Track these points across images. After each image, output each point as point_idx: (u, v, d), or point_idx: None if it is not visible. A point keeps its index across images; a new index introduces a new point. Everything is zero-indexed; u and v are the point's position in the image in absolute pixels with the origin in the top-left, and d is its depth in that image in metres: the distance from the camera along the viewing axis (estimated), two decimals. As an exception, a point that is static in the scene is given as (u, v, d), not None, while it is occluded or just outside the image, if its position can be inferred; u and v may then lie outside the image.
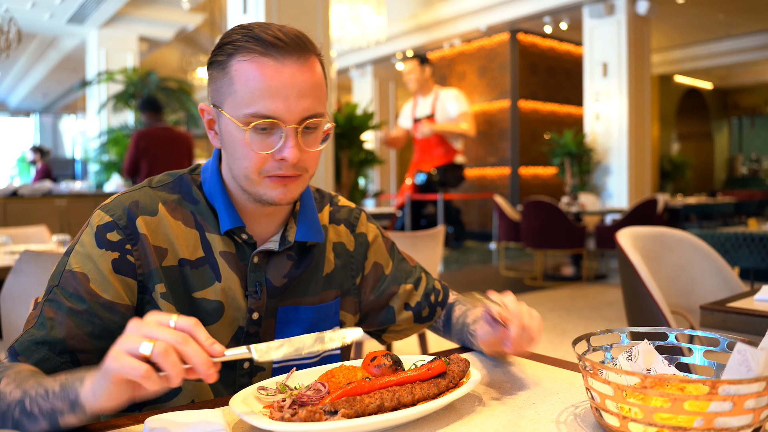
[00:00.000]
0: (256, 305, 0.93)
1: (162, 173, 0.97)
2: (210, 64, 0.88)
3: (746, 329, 1.30)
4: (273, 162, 0.86)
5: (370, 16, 8.92)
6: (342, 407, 0.67)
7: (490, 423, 0.71)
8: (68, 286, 0.84)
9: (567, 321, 4.55)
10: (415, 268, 1.13)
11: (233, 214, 0.91)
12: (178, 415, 0.72)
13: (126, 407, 0.92)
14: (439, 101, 8.64)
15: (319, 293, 1.00)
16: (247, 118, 0.83)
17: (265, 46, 0.83)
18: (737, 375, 0.65)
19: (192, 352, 0.64)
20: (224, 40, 0.86)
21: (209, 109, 0.90)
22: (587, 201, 7.09)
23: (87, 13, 8.57)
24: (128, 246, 0.87)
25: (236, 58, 0.84)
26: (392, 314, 1.09)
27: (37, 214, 5.95)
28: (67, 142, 16.16)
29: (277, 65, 0.83)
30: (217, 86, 0.87)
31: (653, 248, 2.07)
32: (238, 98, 0.83)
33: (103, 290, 0.84)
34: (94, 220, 0.88)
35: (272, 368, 0.97)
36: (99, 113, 9.21)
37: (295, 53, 0.84)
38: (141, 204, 0.90)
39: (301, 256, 0.99)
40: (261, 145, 0.85)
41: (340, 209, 1.08)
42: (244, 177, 0.88)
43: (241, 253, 0.93)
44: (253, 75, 0.82)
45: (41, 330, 0.82)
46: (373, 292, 1.08)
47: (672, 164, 13.36)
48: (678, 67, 12.79)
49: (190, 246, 0.91)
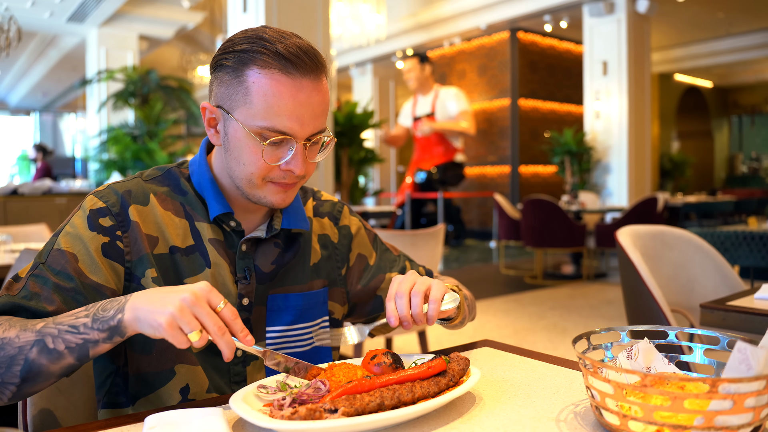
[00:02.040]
0: (246, 290, 0.96)
1: (152, 168, 1.00)
2: (219, 65, 0.89)
3: (746, 328, 1.30)
4: (279, 171, 0.90)
5: (370, 14, 8.91)
6: (342, 406, 0.67)
7: (490, 421, 0.71)
8: (56, 263, 0.85)
9: (567, 319, 4.55)
10: (399, 257, 1.16)
11: (222, 201, 0.95)
12: (177, 413, 0.72)
13: (124, 403, 0.93)
14: (439, 100, 8.64)
15: (307, 281, 1.03)
16: (261, 130, 0.86)
17: (284, 64, 0.85)
18: (737, 373, 0.65)
19: (225, 342, 0.74)
20: (238, 45, 0.87)
21: (213, 108, 0.91)
22: (587, 199, 7.10)
23: (87, 12, 8.56)
24: (119, 232, 0.89)
25: (253, 69, 0.85)
26: (380, 303, 1.12)
27: (37, 212, 5.96)
28: (67, 140, 16.15)
29: (296, 84, 0.86)
30: (228, 91, 0.88)
31: (653, 247, 2.07)
32: (253, 110, 0.86)
33: (90, 271, 0.86)
34: (87, 204, 0.90)
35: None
36: (99, 112, 9.21)
37: (311, 72, 0.87)
38: (133, 193, 0.93)
39: (288, 244, 1.02)
40: (270, 156, 0.88)
41: (323, 203, 1.12)
42: (246, 180, 0.91)
43: (229, 240, 0.97)
44: (271, 92, 0.85)
45: (25, 301, 0.82)
46: (360, 282, 1.11)
47: (672, 163, 13.36)
48: (678, 65, 12.78)
49: (180, 235, 0.94)
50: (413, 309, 0.88)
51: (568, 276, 6.63)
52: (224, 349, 0.74)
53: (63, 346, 0.75)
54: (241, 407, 0.70)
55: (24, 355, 0.75)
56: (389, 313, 0.88)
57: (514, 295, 5.62)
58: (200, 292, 0.74)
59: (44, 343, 0.75)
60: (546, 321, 4.51)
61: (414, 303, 0.88)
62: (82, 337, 0.75)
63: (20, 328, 0.77)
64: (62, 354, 0.75)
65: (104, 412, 0.95)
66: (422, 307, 0.88)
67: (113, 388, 0.93)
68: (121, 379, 0.92)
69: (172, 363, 0.91)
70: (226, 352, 0.74)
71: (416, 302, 0.88)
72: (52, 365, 0.76)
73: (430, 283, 0.91)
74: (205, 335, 0.73)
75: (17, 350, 0.75)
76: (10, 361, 0.75)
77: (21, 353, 0.75)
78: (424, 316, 0.88)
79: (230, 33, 5.09)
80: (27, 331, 0.76)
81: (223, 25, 9.47)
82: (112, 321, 0.75)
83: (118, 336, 0.76)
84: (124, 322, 0.75)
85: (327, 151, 0.95)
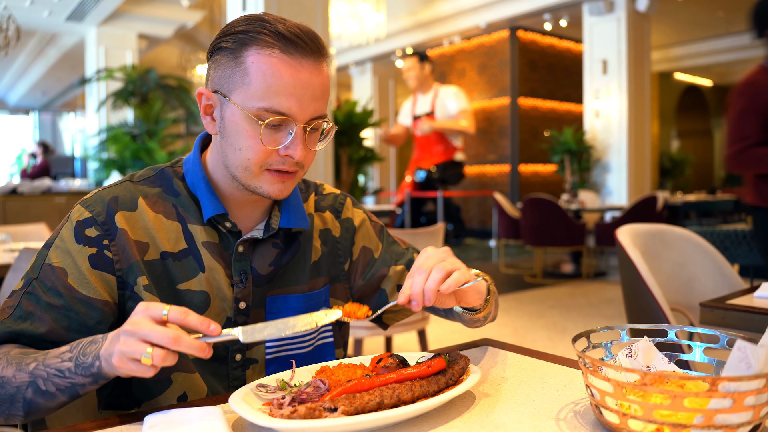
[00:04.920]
0: (242, 294, 0.93)
1: (145, 168, 0.97)
2: (217, 49, 0.87)
3: (746, 326, 1.30)
4: (277, 157, 0.87)
5: (370, 13, 8.90)
6: (342, 404, 0.67)
7: (489, 420, 0.71)
8: (47, 279, 0.85)
9: (566, 318, 4.55)
10: (407, 250, 1.12)
11: (215, 202, 0.91)
12: (177, 412, 0.72)
13: (125, 405, 0.92)
14: (438, 98, 8.63)
15: (307, 281, 1.00)
16: (259, 111, 0.83)
17: (285, 43, 0.83)
18: (737, 372, 0.65)
19: (186, 347, 0.69)
20: (236, 27, 0.85)
21: (210, 94, 0.88)
22: (587, 198, 7.09)
23: (86, 11, 8.55)
24: (105, 241, 0.87)
25: (252, 49, 0.83)
26: (385, 297, 1.08)
27: (37, 211, 5.96)
28: (66, 139, 16.13)
29: (296, 65, 0.84)
30: (226, 74, 0.85)
31: (653, 245, 2.07)
32: (252, 90, 0.83)
33: (80, 285, 0.85)
34: (74, 215, 0.89)
35: (265, 360, 0.96)
36: (98, 111, 9.20)
37: (312, 54, 0.85)
38: (120, 199, 0.90)
39: (287, 244, 0.99)
40: (269, 140, 0.85)
41: (325, 197, 1.09)
42: (243, 168, 0.87)
43: (224, 242, 0.93)
44: (271, 70, 0.82)
45: (20, 323, 0.84)
46: (362, 277, 1.07)
47: (672, 161, 13.35)
48: (678, 64, 12.78)
49: (171, 239, 0.91)
50: (428, 283, 0.80)
51: (567, 275, 6.63)
52: (192, 353, 0.70)
53: (54, 388, 0.76)
54: (240, 406, 0.70)
55: (22, 395, 0.77)
56: (402, 290, 0.82)
57: (513, 293, 5.62)
58: (135, 316, 0.71)
59: (37, 385, 0.77)
60: (546, 320, 4.51)
61: (432, 277, 0.81)
62: (69, 381, 0.76)
63: (16, 367, 0.78)
64: (55, 394, 0.77)
65: (105, 413, 0.94)
66: (439, 283, 0.81)
67: (116, 390, 0.93)
68: (125, 381, 0.91)
69: (169, 372, 0.89)
70: (198, 355, 0.70)
71: (435, 277, 0.81)
72: (48, 403, 0.78)
73: (460, 266, 0.84)
74: (159, 351, 0.68)
75: (15, 390, 0.77)
76: (11, 399, 0.78)
77: (19, 393, 0.77)
78: (436, 293, 0.80)
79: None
80: (21, 371, 0.77)
81: (222, 24, 9.45)
82: (92, 368, 0.74)
83: (102, 379, 0.75)
84: (103, 369, 0.74)
85: (327, 139, 0.92)
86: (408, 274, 0.84)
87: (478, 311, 0.95)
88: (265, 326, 0.76)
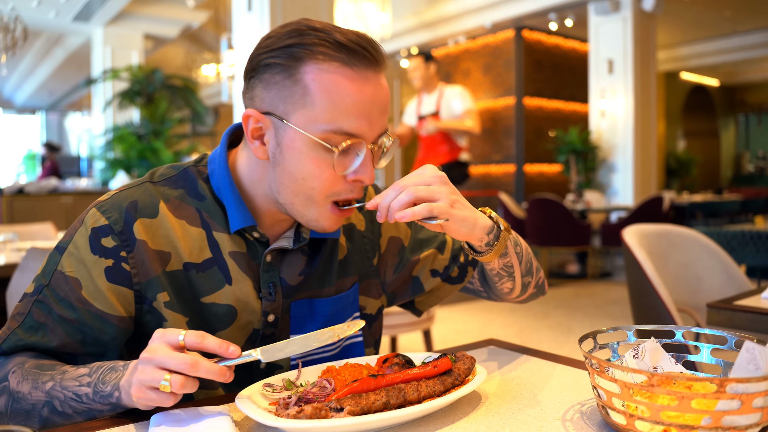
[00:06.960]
0: (271, 307, 0.88)
1: (165, 165, 0.90)
2: (263, 66, 0.78)
3: (753, 327, 1.29)
4: (345, 184, 0.80)
5: (375, 13, 8.90)
6: (348, 404, 0.67)
7: (495, 421, 0.71)
8: (59, 289, 0.81)
9: (572, 319, 4.53)
10: (437, 234, 1.03)
11: (244, 212, 0.84)
12: (184, 412, 0.72)
13: None
14: (443, 98, 8.61)
15: (334, 283, 0.94)
16: (326, 134, 0.76)
17: (348, 54, 0.75)
18: (745, 373, 0.65)
19: (204, 372, 0.68)
20: (285, 41, 0.77)
21: (261, 117, 0.79)
22: (592, 198, 7.07)
23: (92, 11, 8.58)
24: (123, 253, 0.81)
25: (310, 65, 0.75)
26: (419, 284, 1.02)
27: (43, 211, 5.98)
28: (72, 139, 16.20)
29: (361, 78, 0.76)
30: (281, 94, 0.77)
31: (659, 246, 2.06)
32: (315, 112, 0.75)
33: (94, 299, 0.80)
34: (89, 220, 0.83)
35: (290, 366, 0.93)
36: (104, 111, 9.23)
37: (375, 65, 0.78)
38: (140, 205, 0.83)
39: (315, 250, 0.93)
40: (339, 166, 0.77)
41: None
42: (305, 197, 0.80)
43: (252, 251, 0.87)
44: (336, 88, 0.75)
45: (31, 334, 0.81)
46: (394, 270, 1.01)
47: (678, 162, 13.29)
48: (684, 64, 12.72)
49: (195, 248, 0.84)
50: (393, 203, 0.76)
51: (573, 275, 6.61)
52: (213, 378, 0.68)
53: (71, 410, 0.75)
54: (247, 406, 0.70)
55: (37, 412, 0.76)
56: (375, 197, 0.79)
57: (518, 294, 5.60)
58: (152, 344, 0.69)
59: (53, 405, 0.75)
60: (551, 320, 4.50)
61: (399, 198, 0.76)
62: (86, 406, 0.74)
63: (32, 383, 0.76)
64: (71, 416, 0.76)
65: None
66: (403, 207, 0.76)
67: None
68: None
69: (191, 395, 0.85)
70: (217, 380, 0.69)
71: (401, 199, 0.76)
72: (64, 422, 0.76)
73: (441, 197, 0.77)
74: (177, 378, 0.67)
75: (31, 407, 0.76)
76: (27, 414, 0.76)
77: (35, 410, 0.76)
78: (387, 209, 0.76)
79: (235, 32, 5.09)
80: (38, 390, 0.75)
81: (227, 24, 9.48)
82: (111, 398, 0.73)
83: (121, 409, 0.74)
84: (122, 400, 0.72)
85: (390, 154, 0.83)
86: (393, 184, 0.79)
87: (481, 254, 0.86)
88: (286, 344, 0.74)
